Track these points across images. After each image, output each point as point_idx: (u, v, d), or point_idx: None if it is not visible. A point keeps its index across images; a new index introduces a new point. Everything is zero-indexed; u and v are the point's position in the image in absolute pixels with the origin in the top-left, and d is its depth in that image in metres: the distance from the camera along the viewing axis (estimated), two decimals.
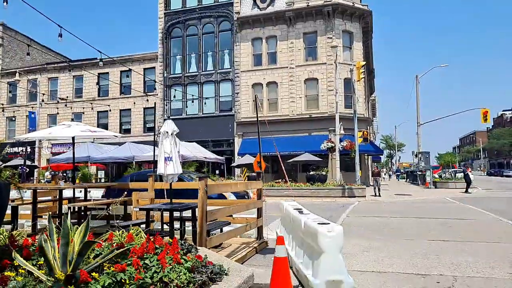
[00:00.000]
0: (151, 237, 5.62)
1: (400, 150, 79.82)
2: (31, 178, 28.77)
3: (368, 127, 32.46)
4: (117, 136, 7.87)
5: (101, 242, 3.33)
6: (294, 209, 6.89)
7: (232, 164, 27.25)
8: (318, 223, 4.83)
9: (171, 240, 4.04)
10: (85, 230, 2.97)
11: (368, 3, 32.59)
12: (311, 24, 28.92)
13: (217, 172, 28.35)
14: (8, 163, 25.99)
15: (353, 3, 28.83)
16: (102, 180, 30.17)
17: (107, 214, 5.16)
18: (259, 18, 29.78)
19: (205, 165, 26.79)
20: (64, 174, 30.99)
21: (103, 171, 31.84)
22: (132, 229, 4.48)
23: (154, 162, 19.65)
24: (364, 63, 22.21)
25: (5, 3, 8.45)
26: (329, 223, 4.84)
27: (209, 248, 5.05)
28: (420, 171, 33.51)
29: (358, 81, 22.00)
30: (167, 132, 7.01)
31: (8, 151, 34.09)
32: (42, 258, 3.01)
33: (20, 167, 6.16)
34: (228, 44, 30.94)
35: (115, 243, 3.77)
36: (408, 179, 45.65)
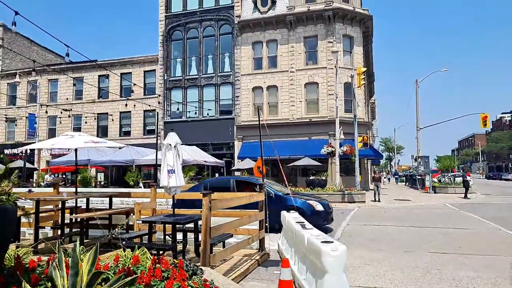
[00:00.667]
0: (155, 252, 5.62)
1: (399, 152, 79.95)
2: (31, 180, 28.73)
3: (368, 131, 32.52)
4: (121, 147, 7.89)
5: (105, 270, 3.34)
6: (296, 222, 6.90)
7: (232, 168, 27.25)
8: (322, 242, 4.85)
9: (176, 261, 4.07)
10: (93, 258, 2.98)
11: (368, 7, 32.66)
12: (312, 28, 28.97)
13: (216, 175, 28.36)
14: (8, 165, 25.95)
15: (353, 7, 28.90)
16: (102, 183, 30.16)
17: (112, 237, 5.15)
18: (259, 22, 29.82)
19: (205, 169, 26.80)
20: (64, 176, 30.97)
21: (103, 174, 31.85)
22: (137, 247, 4.49)
23: (156, 166, 19.64)
24: (365, 69, 22.28)
25: (14, 26, 8.49)
26: (332, 242, 4.85)
27: (212, 267, 5.08)
28: (420, 176, 33.58)
29: (359, 87, 22.06)
30: (170, 144, 7.03)
31: (8, 153, 34.07)
32: (50, 284, 3.03)
33: (28, 190, 6.13)
34: (228, 48, 30.97)
35: (121, 265, 3.79)
36: (407, 183, 45.70)
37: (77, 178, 8.28)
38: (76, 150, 7.60)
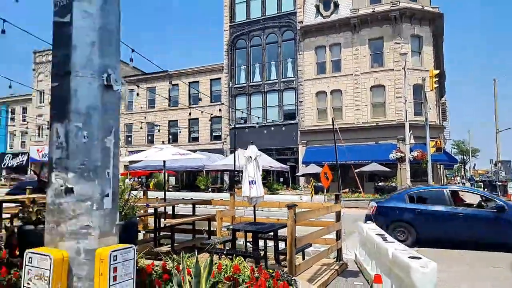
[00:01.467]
0: (253, 266, 6.05)
1: (474, 155, 74.07)
2: None
3: (440, 134, 30.73)
4: (203, 158, 8.53)
5: (212, 278, 3.76)
6: (376, 234, 6.93)
7: (297, 174, 27.41)
8: (409, 257, 4.88)
9: (272, 271, 4.40)
10: (209, 268, 3.40)
11: (439, 3, 30.97)
12: (377, 30, 28.19)
13: (281, 180, 28.75)
14: None
15: (422, 6, 27.59)
16: (174, 186, 32.03)
17: (213, 246, 5.65)
18: (322, 26, 29.72)
19: (270, 174, 27.29)
20: (139, 179, 33.42)
21: (174, 178, 33.82)
22: (235, 257, 4.90)
23: (234, 172, 20.35)
24: (437, 72, 21.12)
25: (131, 61, 9.66)
26: (420, 258, 4.86)
27: (297, 276, 5.34)
28: (500, 181, 30.94)
29: (431, 90, 21.03)
30: (250, 157, 7.45)
31: None
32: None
33: (146, 205, 6.99)
34: (291, 53, 31.26)
35: (223, 273, 4.21)
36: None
37: (165, 187, 9.07)
38: (164, 162, 8.37)
